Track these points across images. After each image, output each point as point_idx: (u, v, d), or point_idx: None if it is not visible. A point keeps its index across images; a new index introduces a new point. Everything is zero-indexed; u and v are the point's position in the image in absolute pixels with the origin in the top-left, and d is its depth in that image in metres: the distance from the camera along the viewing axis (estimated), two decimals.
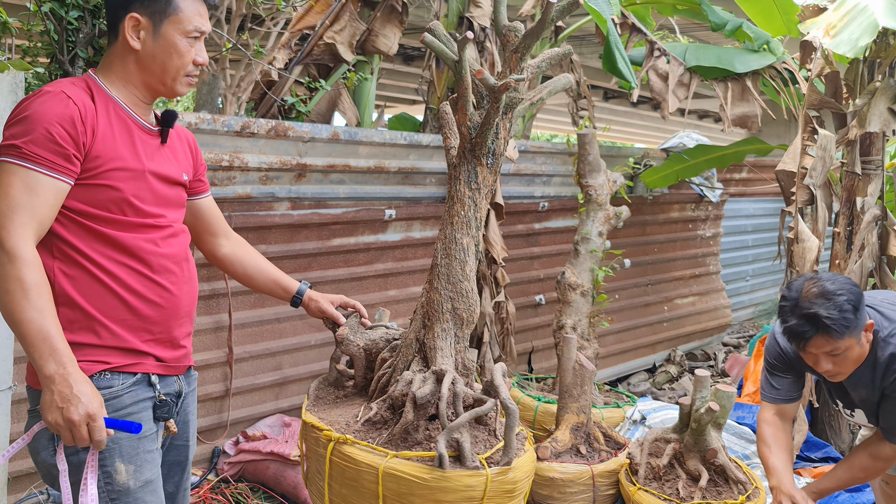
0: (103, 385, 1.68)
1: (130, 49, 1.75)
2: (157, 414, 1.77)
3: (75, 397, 1.54)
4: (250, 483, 3.45)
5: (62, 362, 1.55)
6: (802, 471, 3.84)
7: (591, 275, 4.25)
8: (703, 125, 17.20)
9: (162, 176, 1.81)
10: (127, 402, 1.71)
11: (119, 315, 1.71)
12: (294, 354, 3.82)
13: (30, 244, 1.58)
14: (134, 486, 1.69)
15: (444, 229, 2.25)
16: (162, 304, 1.77)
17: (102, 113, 1.71)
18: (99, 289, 1.69)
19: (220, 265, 2.18)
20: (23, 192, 1.59)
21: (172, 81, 1.79)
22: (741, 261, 7.22)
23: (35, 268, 1.57)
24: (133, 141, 1.75)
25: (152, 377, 1.77)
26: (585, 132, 4.27)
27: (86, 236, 1.69)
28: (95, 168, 1.67)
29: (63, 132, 1.61)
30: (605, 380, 5.49)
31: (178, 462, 1.92)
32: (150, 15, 1.74)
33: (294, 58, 4.16)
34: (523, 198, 4.95)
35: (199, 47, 1.81)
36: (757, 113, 4.91)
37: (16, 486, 2.87)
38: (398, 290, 4.29)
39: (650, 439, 3.25)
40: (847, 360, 2.29)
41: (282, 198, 3.68)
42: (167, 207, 1.83)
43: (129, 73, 1.78)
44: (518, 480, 2.06)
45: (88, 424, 1.55)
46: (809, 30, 3.66)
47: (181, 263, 1.83)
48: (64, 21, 3.14)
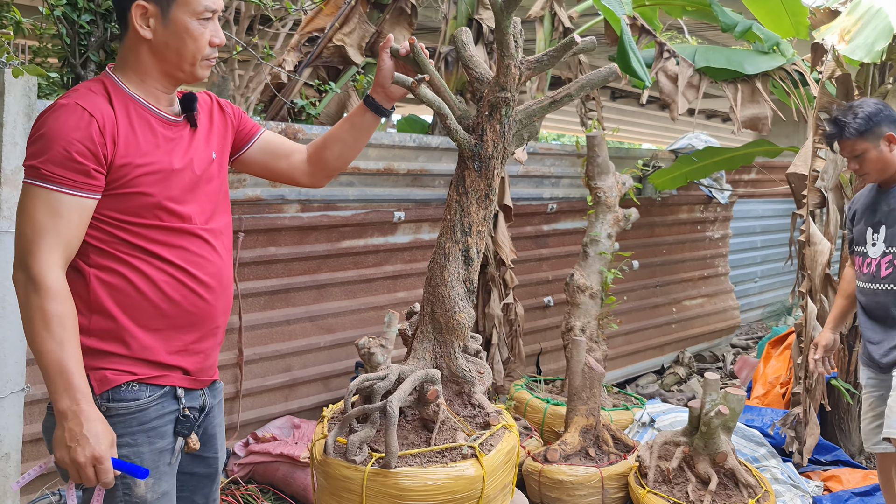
0: (130, 397, 1.64)
1: (142, 39, 1.67)
2: (177, 429, 1.72)
3: (84, 437, 1.51)
4: (260, 484, 3.46)
5: (76, 399, 1.52)
6: (812, 474, 3.83)
7: (600, 277, 4.24)
8: (710, 125, 17.15)
9: (191, 168, 1.73)
10: (152, 415, 1.67)
11: (152, 324, 1.67)
12: (303, 356, 3.83)
13: (56, 271, 1.55)
14: (151, 499, 1.66)
15: (438, 236, 2.30)
16: (196, 313, 1.72)
17: (122, 116, 1.64)
18: (134, 296, 1.65)
19: (317, 169, 2.04)
20: (46, 215, 1.54)
21: (191, 66, 1.70)
22: (750, 262, 7.20)
23: (59, 298, 1.54)
24: (157, 139, 1.68)
25: (178, 390, 1.73)
26: (594, 134, 4.27)
27: (121, 244, 1.64)
28: (123, 176, 1.61)
29: (81, 147, 1.55)
30: (613, 381, 5.48)
31: (207, 475, 1.89)
32: (156, 1, 1.65)
33: (304, 60, 4.17)
34: (532, 199, 4.95)
35: (213, 27, 1.72)
36: (767, 115, 4.89)
37: (28, 487, 2.89)
38: (407, 291, 4.29)
39: (660, 442, 3.25)
40: (867, 162, 2.85)
41: (291, 200, 3.69)
42: (204, 195, 1.76)
43: (144, 64, 1.70)
44: (407, 489, 2.04)
45: (95, 466, 1.53)
46: (824, 35, 3.64)
47: (219, 272, 1.77)
48: (76, 25, 3.16)
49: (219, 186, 1.82)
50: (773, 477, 3.58)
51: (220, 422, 1.91)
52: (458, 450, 2.12)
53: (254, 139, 1.97)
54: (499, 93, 2.17)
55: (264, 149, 1.98)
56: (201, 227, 1.73)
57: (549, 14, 5.13)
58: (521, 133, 2.24)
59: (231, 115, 1.92)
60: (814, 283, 3.87)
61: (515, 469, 2.31)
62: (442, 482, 2.06)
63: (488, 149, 2.21)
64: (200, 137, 1.79)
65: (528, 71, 2.18)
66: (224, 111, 1.90)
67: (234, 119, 1.92)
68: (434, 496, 2.05)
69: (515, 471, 2.32)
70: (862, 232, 2.98)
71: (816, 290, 3.87)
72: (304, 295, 3.83)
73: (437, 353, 2.29)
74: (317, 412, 3.90)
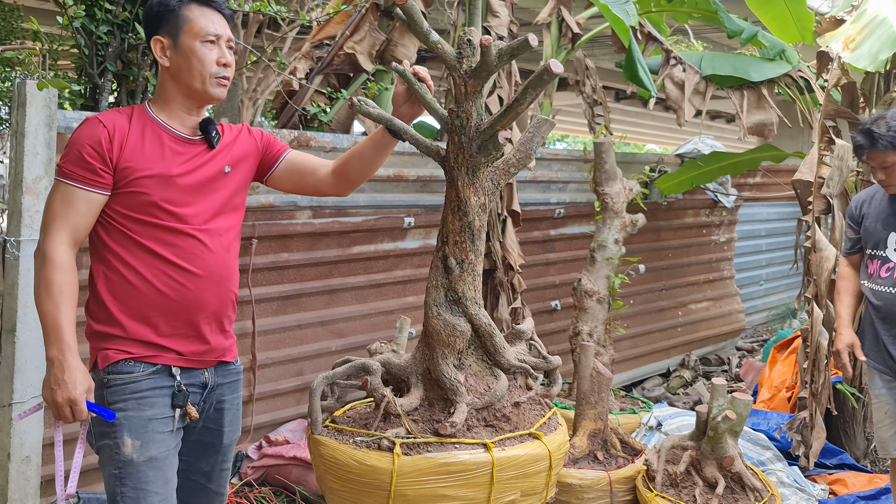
0: (126, 370, 1.92)
1: (165, 69, 2.00)
2: (173, 401, 1.97)
3: (63, 382, 1.81)
4: (273, 487, 3.52)
5: (62, 350, 1.82)
6: (818, 477, 3.87)
7: (607, 282, 4.29)
8: (715, 125, 17.17)
9: (193, 175, 1.99)
10: (145, 387, 1.93)
11: (143, 313, 1.95)
12: (315, 360, 3.88)
13: (62, 248, 1.88)
14: (137, 460, 1.90)
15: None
16: (184, 303, 1.97)
17: (136, 131, 1.96)
18: (127, 288, 1.94)
19: (341, 182, 2.24)
20: (61, 204, 1.90)
21: (202, 85, 1.98)
22: (755, 265, 7.23)
23: (62, 269, 1.86)
24: (163, 151, 1.97)
25: (173, 369, 1.98)
26: (602, 141, 4.32)
27: (122, 240, 1.95)
28: (126, 178, 1.92)
29: (91, 150, 1.89)
30: (619, 384, 5.53)
31: (212, 444, 2.12)
32: (168, 33, 1.98)
33: (315, 68, 4.22)
34: (539, 204, 5.00)
35: (219, 50, 2.00)
36: (773, 121, 4.93)
37: (48, 489, 2.94)
38: (417, 296, 4.34)
39: (667, 446, 3.30)
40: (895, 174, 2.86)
41: (303, 206, 3.75)
42: (206, 201, 2.01)
43: (168, 91, 2.02)
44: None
45: (71, 406, 1.82)
46: (828, 43, 3.68)
47: (211, 266, 2.00)
48: (94, 35, 3.22)
49: (227, 196, 2.08)
50: (779, 480, 3.62)
51: (231, 399, 2.13)
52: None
53: (280, 159, 2.23)
54: (450, 105, 2.23)
55: (290, 168, 2.24)
56: (197, 228, 1.99)
57: (557, 20, 5.17)
58: (487, 144, 2.23)
59: (257, 139, 2.20)
60: (820, 288, 3.91)
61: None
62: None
63: (450, 160, 2.24)
64: (215, 154, 2.06)
65: (472, 81, 2.16)
66: (251, 136, 2.19)
67: (261, 143, 2.21)
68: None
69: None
70: (881, 236, 2.97)
71: (822, 295, 3.91)
72: (316, 300, 3.89)
73: (425, 355, 2.34)
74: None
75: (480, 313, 2.31)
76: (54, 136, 2.77)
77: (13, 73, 5.15)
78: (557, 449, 2.29)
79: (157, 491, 1.92)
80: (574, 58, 5.45)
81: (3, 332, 2.77)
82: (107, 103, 3.30)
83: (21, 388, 2.74)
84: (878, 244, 2.97)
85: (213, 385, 2.07)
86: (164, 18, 1.98)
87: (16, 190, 2.75)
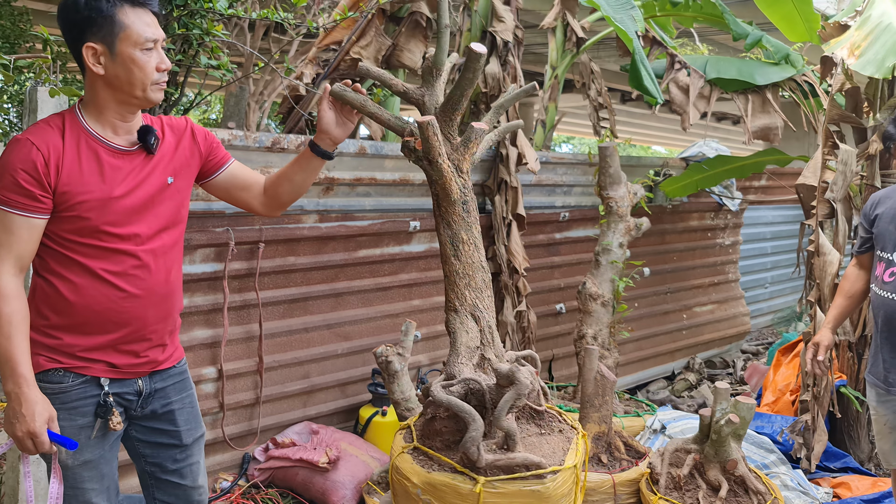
0: (55, 380, 1.94)
1: (97, 76, 1.89)
2: (97, 411, 1.98)
3: (22, 415, 1.81)
4: (280, 489, 3.55)
5: (18, 383, 1.81)
6: (821, 480, 3.89)
7: (611, 285, 4.31)
8: (721, 127, 17.16)
9: (135, 194, 1.96)
10: (74, 397, 1.96)
11: (78, 328, 1.94)
12: (321, 363, 3.92)
13: (7, 277, 1.83)
14: (72, 464, 1.96)
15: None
16: (119, 321, 1.97)
17: (71, 149, 1.88)
18: (63, 303, 1.92)
19: (272, 202, 2.26)
20: (1, 232, 1.84)
21: (143, 92, 1.91)
22: (760, 268, 7.23)
23: (10, 299, 1.82)
24: (102, 171, 1.91)
25: (101, 380, 1.99)
26: (607, 145, 4.34)
27: (61, 259, 1.91)
28: (65, 202, 1.87)
29: (27, 176, 1.82)
30: (624, 387, 5.54)
31: (172, 444, 2.16)
32: (102, 40, 1.85)
33: (321, 73, 4.25)
34: (544, 208, 5.02)
35: (157, 55, 1.92)
36: (778, 125, 4.94)
37: None
38: (422, 299, 4.37)
39: (671, 449, 3.31)
40: None
41: (310, 211, 3.78)
42: (150, 218, 1.99)
43: (101, 98, 1.92)
44: None
45: (32, 439, 1.83)
46: (834, 49, 3.69)
47: (152, 286, 2.00)
48: None
49: (173, 208, 2.05)
50: (782, 484, 3.63)
51: (180, 399, 2.16)
52: None
53: (221, 169, 2.20)
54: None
55: (229, 180, 2.22)
56: (140, 248, 1.97)
57: (562, 24, 5.20)
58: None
59: (201, 144, 2.14)
60: (823, 292, 3.92)
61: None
62: None
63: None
64: (156, 164, 2.01)
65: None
66: (195, 138, 2.13)
67: (204, 148, 2.15)
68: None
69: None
70: (890, 238, 2.87)
71: (825, 299, 3.92)
72: (322, 303, 3.92)
73: None
74: (334, 418, 3.99)
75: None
76: None
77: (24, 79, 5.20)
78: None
79: (94, 487, 2.01)
80: (579, 61, 5.47)
81: None
82: None
83: None
84: (886, 246, 2.89)
85: (151, 391, 2.09)
86: (95, 23, 1.84)
87: None
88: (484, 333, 2.29)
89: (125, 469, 3.16)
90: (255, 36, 6.19)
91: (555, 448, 2.21)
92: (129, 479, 3.18)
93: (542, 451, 2.19)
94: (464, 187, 2.31)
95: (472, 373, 2.20)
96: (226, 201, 2.28)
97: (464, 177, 2.31)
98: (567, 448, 2.22)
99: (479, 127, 2.28)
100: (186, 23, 3.30)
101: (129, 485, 3.19)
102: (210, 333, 3.48)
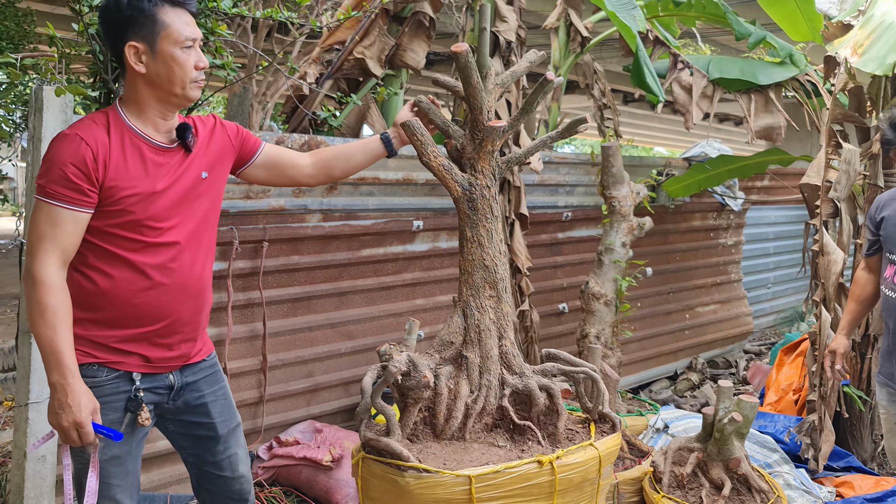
0: (90, 374, 1.96)
1: (138, 74, 1.95)
2: (127, 406, 2.01)
3: (68, 406, 1.83)
4: (283, 487, 3.56)
5: (63, 374, 1.83)
6: (825, 480, 3.88)
7: (614, 285, 4.32)
8: (724, 128, 17.16)
9: (175, 189, 2.01)
10: (107, 391, 1.99)
11: (114, 321, 1.98)
12: (325, 362, 3.93)
13: (52, 269, 1.86)
14: (101, 459, 1.98)
15: (495, 244, 2.38)
16: (155, 314, 2.01)
17: (116, 145, 1.93)
18: (100, 297, 1.96)
19: (321, 174, 2.34)
20: (47, 225, 1.87)
21: (182, 90, 1.97)
22: (763, 268, 7.23)
23: (54, 291, 1.85)
24: (145, 167, 1.97)
25: (133, 375, 2.02)
26: (609, 145, 4.34)
27: (101, 252, 1.95)
28: (111, 196, 1.92)
29: (76, 171, 1.86)
30: (627, 387, 5.55)
31: (209, 437, 2.21)
32: (144, 38, 1.92)
33: (325, 73, 4.26)
34: (547, 208, 5.03)
35: (196, 54, 1.99)
36: (781, 125, 4.94)
37: (62, 488, 2.99)
38: (425, 299, 4.38)
39: (674, 448, 3.32)
40: None
41: (314, 210, 3.79)
42: (188, 212, 2.04)
43: (141, 96, 1.98)
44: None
45: (77, 430, 1.84)
46: (837, 49, 3.70)
47: (187, 280, 2.05)
48: None
49: (208, 203, 2.11)
50: (785, 483, 3.64)
51: (212, 392, 2.21)
52: None
53: (256, 154, 2.27)
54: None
55: (267, 161, 2.29)
56: (177, 242, 2.02)
57: (565, 24, 5.21)
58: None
59: (231, 136, 2.21)
60: (828, 292, 3.92)
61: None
62: None
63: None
64: (192, 160, 2.07)
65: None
66: (225, 131, 2.20)
67: (235, 140, 2.22)
68: None
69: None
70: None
71: (830, 298, 3.92)
72: (326, 302, 3.93)
73: None
74: (338, 417, 4.00)
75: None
76: None
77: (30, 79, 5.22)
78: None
79: (118, 483, 2.03)
80: (582, 61, 5.48)
81: (19, 333, 2.83)
82: None
83: (37, 388, 2.79)
84: (894, 248, 2.88)
85: (182, 385, 2.13)
86: (137, 22, 1.91)
87: (32, 193, 2.80)
88: (469, 332, 2.30)
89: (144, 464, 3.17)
90: (258, 36, 6.21)
91: (488, 459, 2.17)
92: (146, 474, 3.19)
93: (457, 458, 2.19)
94: (470, 185, 2.33)
95: (408, 361, 2.27)
96: (268, 184, 2.35)
97: (477, 175, 2.34)
98: (512, 467, 2.14)
99: (493, 125, 2.31)
100: None
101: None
102: (214, 332, 3.49)
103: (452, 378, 2.29)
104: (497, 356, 2.31)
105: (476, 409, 2.22)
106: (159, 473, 3.30)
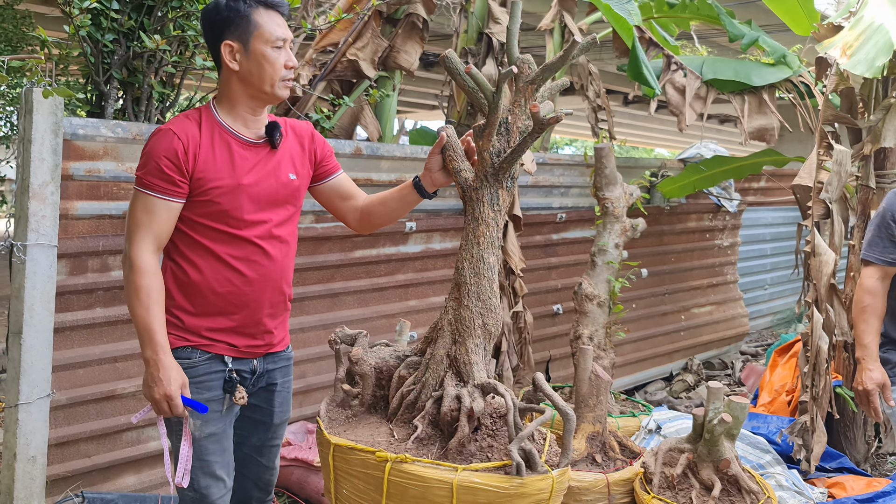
0: (185, 356, 2.11)
1: (232, 72, 2.09)
2: (225, 387, 2.16)
3: (159, 380, 1.98)
4: (275, 488, 3.56)
5: (156, 350, 1.99)
6: (817, 481, 3.89)
7: (607, 286, 4.32)
8: (724, 129, 17.15)
9: (262, 185, 2.12)
10: (201, 371, 2.13)
11: (202, 310, 2.12)
12: (317, 363, 3.93)
13: (147, 254, 2.02)
14: (199, 436, 2.12)
15: (470, 249, 2.29)
16: (238, 304, 2.14)
17: (206, 139, 2.07)
18: (191, 286, 2.10)
19: (363, 220, 2.40)
20: (143, 213, 2.03)
21: (272, 88, 2.09)
22: (759, 269, 7.23)
23: (148, 274, 2.00)
24: (233, 160, 2.09)
25: (225, 357, 2.17)
26: (602, 146, 4.35)
27: (191, 243, 2.10)
28: (200, 187, 2.06)
29: (169, 163, 2.01)
30: (622, 388, 5.55)
31: (262, 421, 2.34)
32: (238, 38, 2.06)
33: (318, 75, 4.27)
34: (541, 209, 5.03)
35: (286, 54, 2.10)
36: (775, 126, 4.95)
37: (53, 489, 3.00)
38: (418, 300, 4.38)
39: (664, 449, 3.32)
40: None
41: (306, 211, 3.79)
42: (272, 208, 2.15)
43: (234, 93, 2.12)
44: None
45: (168, 402, 1.99)
46: (827, 50, 3.70)
47: (267, 273, 2.16)
48: (100, 44, 3.28)
49: (293, 203, 2.22)
50: (777, 484, 3.64)
51: (282, 383, 2.34)
52: None
53: (331, 177, 2.37)
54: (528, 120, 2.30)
55: (334, 189, 2.38)
56: (262, 236, 2.13)
57: (560, 26, 5.21)
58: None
59: (318, 150, 2.33)
60: (819, 292, 3.93)
61: None
62: None
63: (517, 170, 2.39)
64: (281, 159, 2.19)
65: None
66: (314, 144, 2.31)
67: (319, 154, 2.33)
68: None
69: None
70: None
71: (822, 299, 3.92)
72: (318, 303, 3.94)
73: (485, 362, 2.43)
74: None
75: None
76: (60, 142, 2.83)
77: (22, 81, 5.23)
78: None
79: (217, 460, 2.16)
80: (577, 63, 5.48)
81: (10, 335, 2.83)
82: (112, 110, 3.36)
83: (27, 388, 2.79)
84: None
85: (262, 371, 2.27)
86: (233, 23, 2.05)
87: (23, 195, 2.81)
88: (436, 329, 2.31)
89: (125, 467, 3.18)
90: None
91: (368, 440, 2.20)
92: (125, 478, 3.20)
93: (356, 431, 2.24)
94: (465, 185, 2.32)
95: (367, 353, 2.34)
96: (326, 209, 2.44)
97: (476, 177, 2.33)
98: (359, 448, 2.15)
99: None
100: (182, 24, 3.33)
101: (125, 484, 3.21)
102: None
103: (408, 368, 2.34)
104: (442, 358, 2.29)
105: (409, 400, 2.26)
106: (150, 475, 3.30)
